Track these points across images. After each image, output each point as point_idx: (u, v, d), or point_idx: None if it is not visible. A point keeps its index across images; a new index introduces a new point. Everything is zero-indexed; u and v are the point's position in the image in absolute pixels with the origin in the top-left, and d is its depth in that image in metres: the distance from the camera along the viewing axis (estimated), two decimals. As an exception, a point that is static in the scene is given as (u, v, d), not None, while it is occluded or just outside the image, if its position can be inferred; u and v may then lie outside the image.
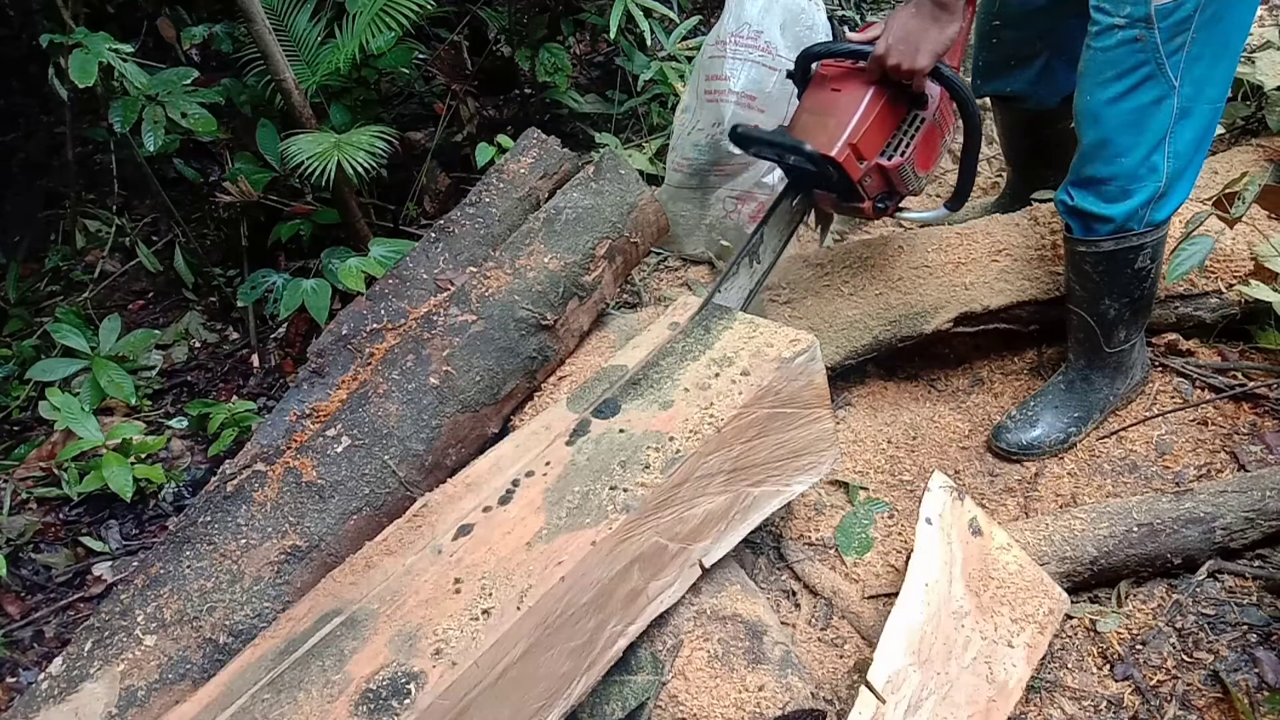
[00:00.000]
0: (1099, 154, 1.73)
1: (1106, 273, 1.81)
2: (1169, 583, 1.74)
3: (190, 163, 3.11)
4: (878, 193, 1.86)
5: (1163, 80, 1.64)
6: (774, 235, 1.98)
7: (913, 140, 1.84)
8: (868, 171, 1.82)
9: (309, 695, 1.27)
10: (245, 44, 2.79)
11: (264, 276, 2.80)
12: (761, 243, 1.96)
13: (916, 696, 1.47)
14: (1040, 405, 1.99)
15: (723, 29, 2.53)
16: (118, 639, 1.59)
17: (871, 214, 1.89)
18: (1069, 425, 1.96)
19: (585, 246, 2.09)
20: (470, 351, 1.92)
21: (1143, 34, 1.60)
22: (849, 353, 2.08)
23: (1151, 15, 1.59)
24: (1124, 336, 1.90)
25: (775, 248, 1.97)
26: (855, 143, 1.78)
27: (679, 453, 1.51)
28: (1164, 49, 1.61)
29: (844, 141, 1.77)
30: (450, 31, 3.22)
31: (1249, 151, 2.41)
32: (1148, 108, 1.67)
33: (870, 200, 1.87)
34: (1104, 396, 1.97)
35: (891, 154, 1.83)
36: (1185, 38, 1.61)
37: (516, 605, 1.32)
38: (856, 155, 1.79)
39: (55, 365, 2.55)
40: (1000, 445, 1.99)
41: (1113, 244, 1.78)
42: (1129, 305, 1.85)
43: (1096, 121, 1.71)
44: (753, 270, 1.95)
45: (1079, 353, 1.96)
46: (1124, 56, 1.63)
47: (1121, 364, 1.95)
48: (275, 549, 1.70)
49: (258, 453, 1.84)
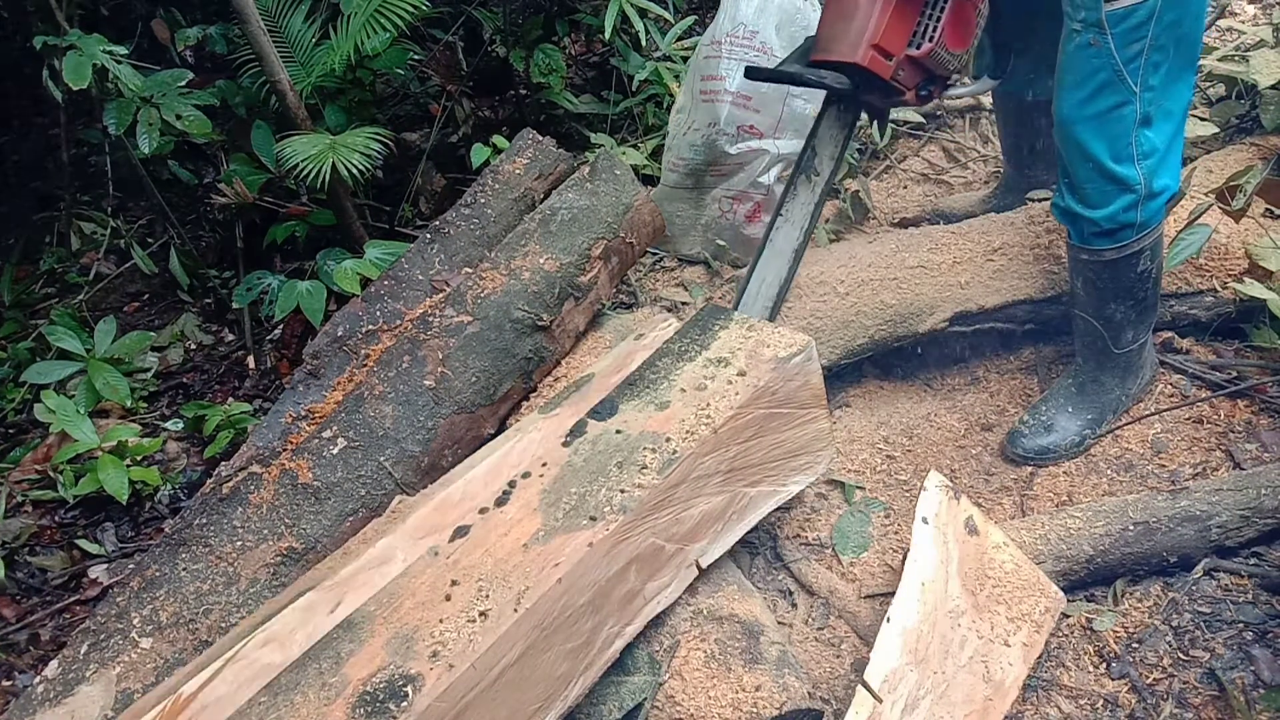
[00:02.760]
0: (1073, 156, 1.74)
1: (1111, 279, 1.82)
2: (1165, 581, 1.74)
3: (185, 164, 3.10)
4: (916, 82, 1.81)
5: (1122, 86, 1.64)
6: (827, 145, 1.93)
7: (939, 23, 1.76)
8: (899, 65, 1.75)
9: (306, 698, 1.27)
10: (240, 45, 2.79)
11: (259, 278, 2.80)
12: (815, 155, 1.93)
13: (913, 695, 1.47)
14: (1052, 409, 1.98)
15: (718, 29, 2.53)
16: (114, 642, 1.58)
17: (917, 102, 1.85)
18: (1083, 428, 1.96)
19: (581, 247, 2.09)
20: (466, 353, 1.92)
21: (1097, 39, 1.61)
22: (845, 352, 2.08)
23: (1103, 20, 1.59)
24: (1131, 337, 1.90)
25: (833, 155, 1.93)
26: (877, 42, 1.71)
27: (676, 453, 1.51)
28: (1119, 55, 1.61)
29: (865, 44, 1.71)
30: (445, 32, 3.22)
31: (1243, 149, 2.42)
32: (1108, 113, 1.67)
33: (912, 90, 1.82)
34: (1116, 397, 1.97)
35: (920, 42, 1.76)
36: (1142, 44, 1.61)
37: (514, 607, 1.32)
38: (882, 54, 1.72)
39: (50, 368, 2.55)
40: (1017, 451, 1.98)
41: (1114, 253, 1.79)
42: (1134, 307, 1.85)
43: (1067, 124, 1.72)
44: (812, 184, 1.92)
45: (1087, 355, 1.96)
46: (1084, 61, 1.64)
47: (1131, 364, 1.95)
48: (271, 551, 1.69)
49: (253, 455, 1.84)
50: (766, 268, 2.01)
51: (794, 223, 1.98)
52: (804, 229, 2.00)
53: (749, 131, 2.48)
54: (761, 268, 2.01)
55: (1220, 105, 2.72)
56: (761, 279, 2.01)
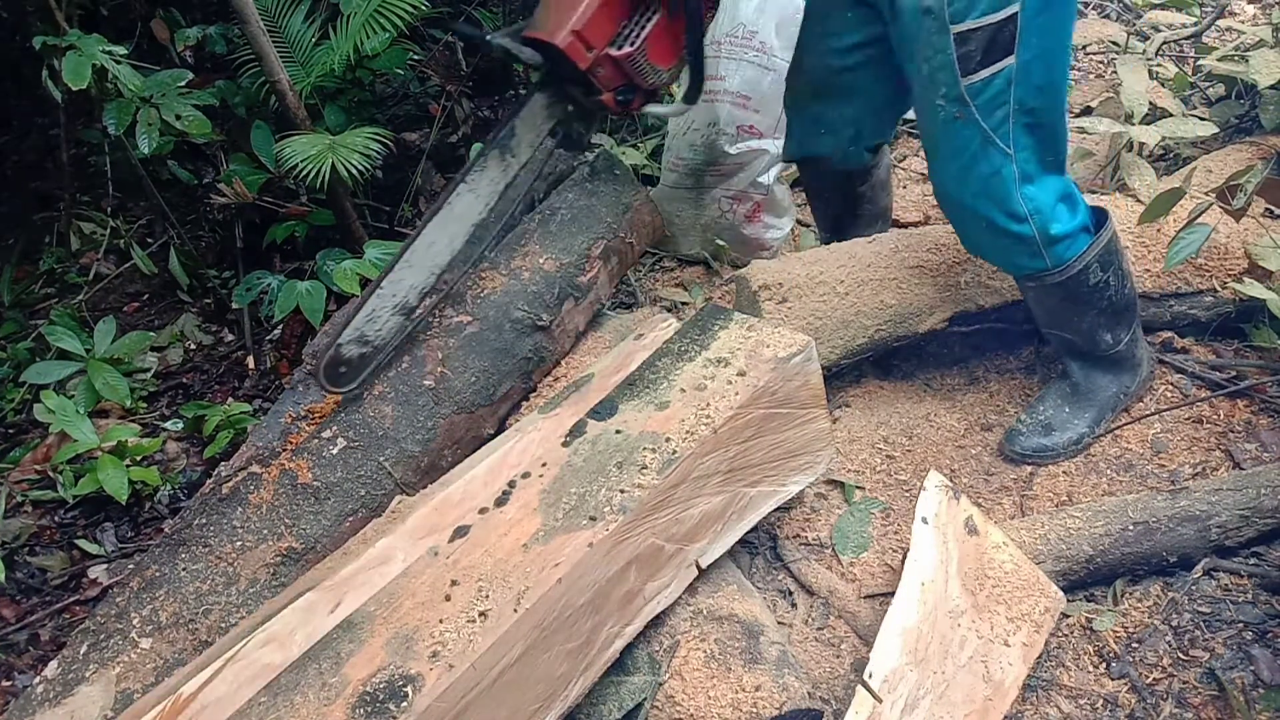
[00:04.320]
0: (965, 223, 1.77)
1: (1064, 298, 1.82)
2: (1165, 581, 1.74)
3: (185, 165, 3.10)
4: (615, 85, 1.83)
5: (995, 151, 1.65)
6: (528, 130, 1.91)
7: (644, 31, 1.79)
8: (599, 61, 1.78)
9: (306, 698, 1.27)
10: (239, 45, 2.79)
11: (259, 278, 2.80)
12: (514, 135, 1.90)
13: (913, 695, 1.47)
14: (1050, 408, 1.97)
15: (717, 29, 2.53)
16: (113, 642, 1.58)
17: (615, 107, 1.86)
18: (1082, 426, 1.95)
19: (580, 247, 2.09)
20: (466, 353, 1.92)
21: (961, 112, 1.62)
22: (845, 352, 2.08)
23: (964, 94, 1.60)
24: (1112, 339, 1.89)
25: (532, 143, 1.91)
26: (579, 29, 1.73)
27: (675, 454, 1.51)
28: (986, 123, 1.62)
29: (568, 29, 1.73)
30: (444, 32, 3.22)
31: (1243, 149, 2.42)
32: (990, 179, 1.68)
33: (611, 93, 1.83)
34: (1113, 395, 1.96)
35: (623, 44, 1.78)
36: (1006, 108, 1.62)
37: (513, 607, 1.32)
38: (583, 43, 1.74)
39: (50, 368, 2.55)
40: (1015, 450, 1.97)
41: (1059, 275, 1.78)
42: (1101, 314, 1.85)
43: (952, 197, 1.75)
44: (505, 164, 1.89)
45: (1074, 357, 1.96)
46: (954, 134, 1.65)
47: (1124, 362, 1.95)
48: (271, 551, 1.70)
49: (253, 455, 1.84)
50: (438, 231, 1.89)
51: (479, 194, 1.89)
52: (489, 205, 1.91)
53: (748, 131, 2.49)
54: (432, 230, 1.88)
55: (1220, 105, 2.72)
56: (429, 242, 1.88)
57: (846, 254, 2.12)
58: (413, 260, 1.86)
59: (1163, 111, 2.50)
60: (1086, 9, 3.72)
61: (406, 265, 1.86)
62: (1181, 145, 2.65)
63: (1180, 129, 2.33)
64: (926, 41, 1.61)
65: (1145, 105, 2.36)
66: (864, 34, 1.86)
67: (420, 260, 1.87)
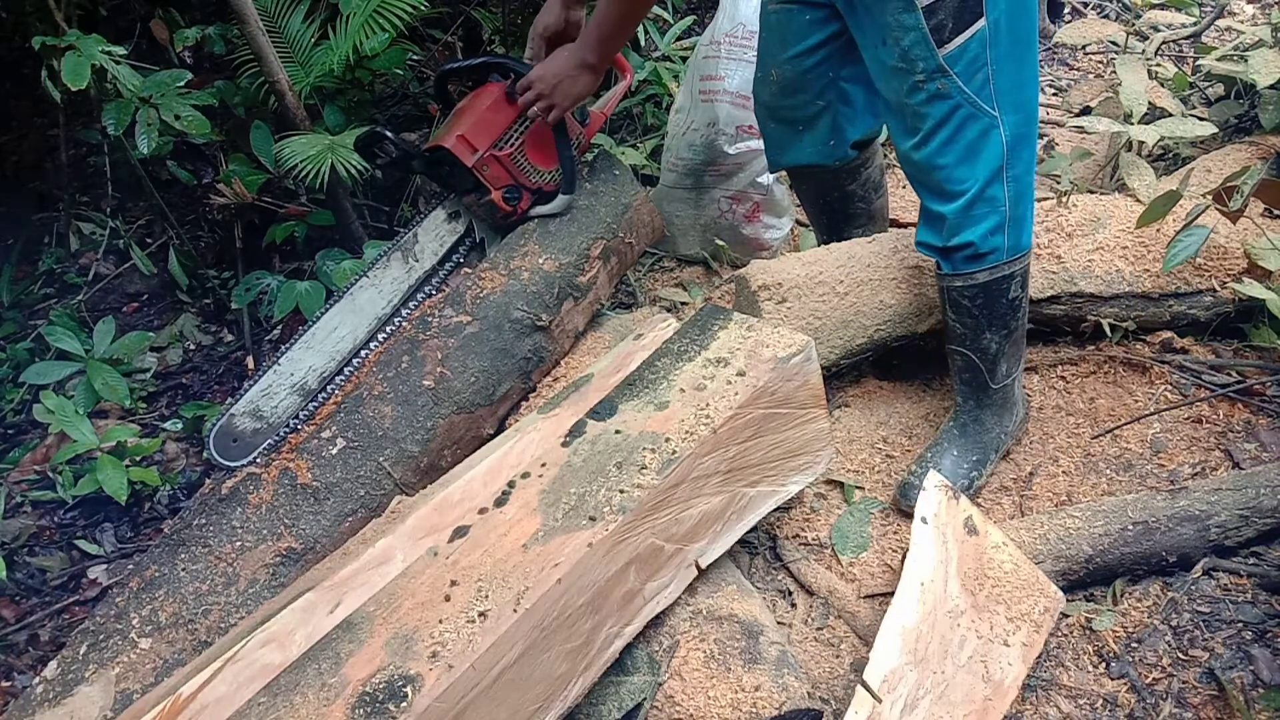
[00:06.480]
0: (939, 193, 1.75)
1: (984, 305, 1.82)
2: (1164, 581, 1.74)
3: (184, 165, 3.09)
4: (502, 185, 2.04)
5: (982, 115, 1.66)
6: (431, 240, 2.10)
7: (523, 134, 2.04)
8: (484, 161, 1.99)
9: (305, 699, 1.27)
10: (239, 46, 2.79)
11: (258, 279, 2.80)
12: (417, 241, 2.09)
13: (912, 695, 1.47)
14: (938, 455, 1.95)
15: (717, 29, 2.53)
16: (113, 642, 1.59)
17: (504, 206, 2.05)
18: (970, 469, 1.94)
19: (580, 247, 2.09)
20: (465, 353, 1.92)
21: (943, 84, 1.63)
22: (844, 352, 2.08)
23: (943, 65, 1.61)
24: (1005, 371, 1.90)
25: (435, 252, 2.09)
26: (464, 134, 1.98)
27: (675, 454, 1.51)
28: (969, 88, 1.63)
29: (455, 134, 1.98)
30: (444, 32, 3.22)
31: (1242, 149, 2.42)
32: (977, 141, 1.68)
33: (499, 192, 2.03)
34: (996, 436, 1.96)
35: (504, 145, 2.02)
36: (985, 72, 1.63)
37: (513, 607, 1.32)
38: (467, 144, 1.99)
39: (49, 368, 2.55)
40: (908, 504, 1.88)
41: (987, 274, 1.78)
42: (1007, 338, 1.86)
43: (933, 170, 1.73)
44: (409, 267, 2.06)
45: (967, 394, 1.95)
46: (938, 107, 1.66)
47: (1007, 400, 1.95)
48: (270, 551, 1.70)
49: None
50: (339, 318, 2.01)
51: (382, 291, 2.05)
52: (390, 302, 2.05)
53: (748, 131, 2.48)
54: (334, 316, 2.01)
55: (1219, 105, 2.72)
56: (332, 327, 2.00)
57: (846, 254, 2.12)
58: (313, 343, 1.97)
59: (1162, 111, 2.50)
60: (1086, 9, 3.72)
61: (306, 347, 1.95)
62: (1180, 145, 2.65)
63: (1179, 129, 2.33)
64: (895, 22, 1.62)
65: (1144, 105, 2.36)
66: (825, 33, 1.89)
67: (322, 344, 1.97)
